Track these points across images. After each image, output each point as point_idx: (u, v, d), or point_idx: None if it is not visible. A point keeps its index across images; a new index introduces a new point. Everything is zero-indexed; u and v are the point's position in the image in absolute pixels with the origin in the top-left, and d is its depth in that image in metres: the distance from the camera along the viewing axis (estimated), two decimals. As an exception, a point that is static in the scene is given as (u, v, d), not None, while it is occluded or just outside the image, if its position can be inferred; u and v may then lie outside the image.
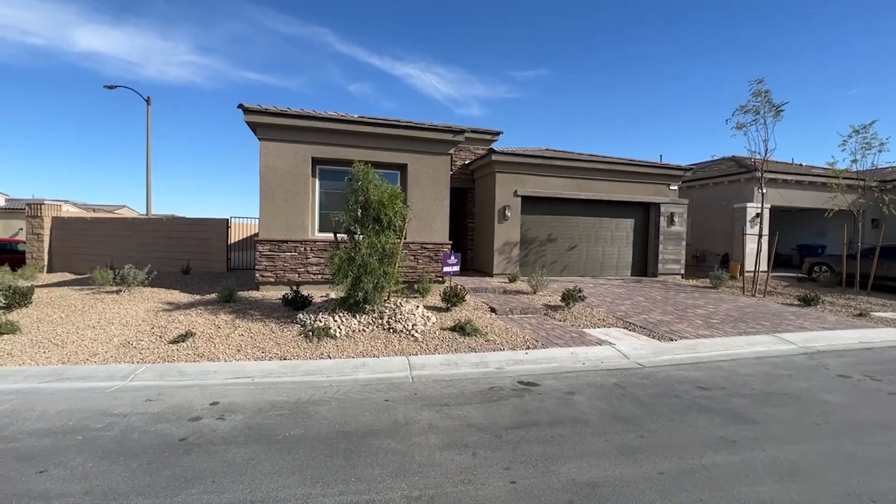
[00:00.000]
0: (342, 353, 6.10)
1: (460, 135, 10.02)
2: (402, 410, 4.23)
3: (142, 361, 5.66)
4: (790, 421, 4.11)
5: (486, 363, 5.89)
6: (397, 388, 4.88)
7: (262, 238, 9.07)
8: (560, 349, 6.48)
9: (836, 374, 5.57)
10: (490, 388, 4.89)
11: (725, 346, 6.87)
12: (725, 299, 10.76)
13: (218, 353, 5.91)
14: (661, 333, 7.37)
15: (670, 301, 10.22)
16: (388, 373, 5.48)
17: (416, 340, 6.58)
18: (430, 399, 4.55)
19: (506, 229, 12.71)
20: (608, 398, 4.60)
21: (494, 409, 4.29)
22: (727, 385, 5.08)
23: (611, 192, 13.84)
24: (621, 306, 9.41)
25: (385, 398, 4.57)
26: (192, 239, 12.97)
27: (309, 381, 5.12)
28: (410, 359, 5.96)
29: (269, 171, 9.05)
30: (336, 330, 6.66)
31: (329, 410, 4.20)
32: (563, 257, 13.74)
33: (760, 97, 11.20)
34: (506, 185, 12.71)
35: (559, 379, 5.26)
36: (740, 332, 7.68)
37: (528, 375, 5.41)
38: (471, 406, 4.36)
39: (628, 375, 5.41)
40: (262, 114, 8.85)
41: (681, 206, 14.48)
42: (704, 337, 7.30)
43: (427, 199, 10.08)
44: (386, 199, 7.05)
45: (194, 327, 6.79)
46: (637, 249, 14.54)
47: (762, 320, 8.56)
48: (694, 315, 8.84)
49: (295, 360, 5.81)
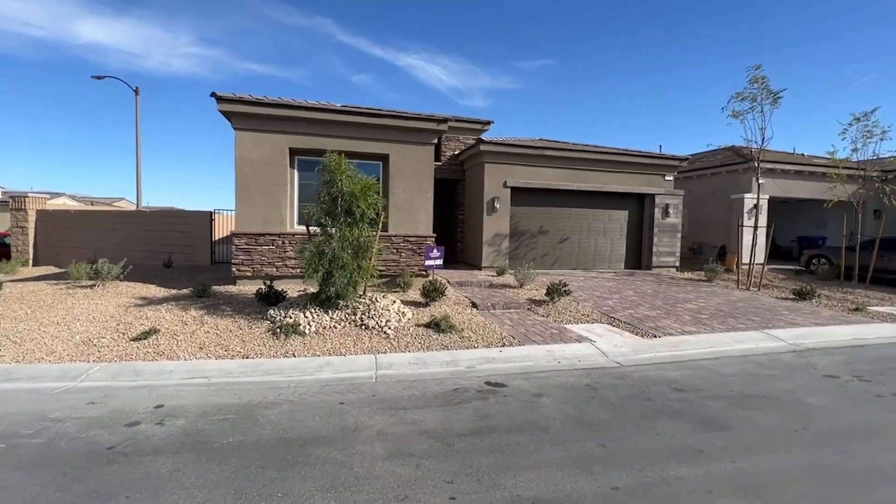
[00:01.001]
0: (309, 351, 5.88)
1: (444, 123, 9.70)
2: (356, 414, 4.00)
3: (99, 360, 5.46)
4: (766, 427, 3.86)
5: (456, 362, 5.65)
6: (357, 390, 4.66)
7: (239, 231, 8.83)
8: (537, 347, 6.24)
9: (823, 374, 5.29)
10: (454, 390, 4.66)
11: (711, 343, 6.61)
12: (718, 293, 10.47)
13: (179, 352, 5.70)
14: (646, 330, 7.11)
15: (661, 295, 9.94)
16: (352, 372, 5.26)
17: (387, 338, 6.35)
18: (389, 402, 4.32)
19: (495, 221, 12.42)
20: (576, 401, 4.36)
21: (453, 413, 4.06)
22: (705, 386, 4.82)
23: (604, 183, 13.49)
24: (609, 301, 9.15)
25: (341, 401, 4.34)
26: (175, 232, 12.75)
27: (267, 382, 4.90)
28: (379, 357, 5.73)
29: (245, 162, 8.78)
30: (306, 327, 6.44)
31: (278, 414, 3.98)
32: (554, 250, 13.46)
33: (758, 84, 10.78)
34: (495, 176, 12.39)
35: (529, 379, 5.02)
36: (729, 328, 7.41)
37: (498, 375, 5.17)
38: (429, 410, 4.13)
39: (603, 375, 5.17)
40: (236, 102, 8.55)
41: (676, 197, 14.12)
42: (690, 333, 7.03)
43: (410, 191, 9.79)
44: (358, 191, 6.77)
45: (160, 324, 6.58)
46: (631, 242, 14.23)
47: (753, 315, 8.28)
48: (683, 310, 8.57)
49: (258, 359, 5.59)
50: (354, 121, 9.25)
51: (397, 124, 9.45)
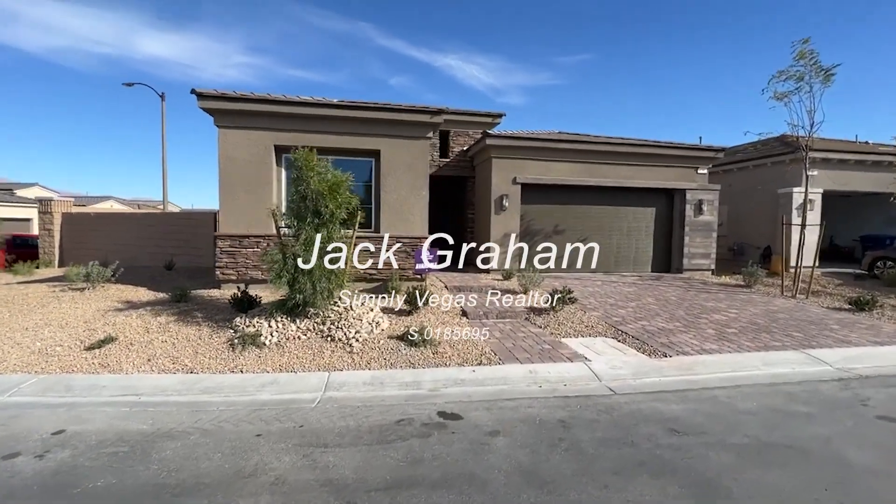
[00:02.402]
0: (261, 365, 5.33)
1: (438, 115, 8.96)
2: (265, 453, 3.37)
3: (43, 371, 5.16)
4: (784, 495, 2.88)
5: (418, 383, 4.92)
6: (287, 417, 4.04)
7: (222, 233, 8.49)
8: (518, 366, 5.40)
9: (877, 415, 4.14)
10: (398, 421, 3.93)
11: (733, 365, 5.51)
12: (756, 301, 9.12)
13: (125, 364, 5.31)
14: (655, 347, 6.08)
15: (685, 304, 8.75)
16: (295, 393, 4.65)
17: (351, 352, 5.71)
18: (313, 435, 3.67)
19: (503, 221, 11.54)
20: (538, 444, 3.52)
21: (380, 455, 3.34)
22: (712, 427, 3.84)
23: (627, 178, 12.28)
24: (622, 310, 8.09)
25: (259, 432, 3.73)
26: (182, 233, 12.77)
27: (197, 403, 4.38)
28: (332, 376, 5.10)
29: (229, 161, 8.43)
30: (267, 337, 5.92)
31: (176, 449, 3.42)
32: (571, 252, 12.36)
33: (805, 59, 9.31)
34: (503, 172, 11.51)
35: (493, 409, 4.21)
36: (760, 346, 6.23)
37: (459, 402, 4.40)
38: (354, 449, 3.43)
39: (585, 407, 4.27)
40: (218, 99, 8.21)
41: (711, 192, 12.66)
42: (709, 353, 5.94)
43: (403, 189, 9.13)
44: (325, 189, 6.18)
45: (124, 331, 6.27)
46: (659, 242, 12.90)
47: (794, 330, 7.00)
48: (708, 322, 7.40)
49: (201, 375, 5.11)
50: (341, 115, 8.70)
51: (387, 117, 8.81)
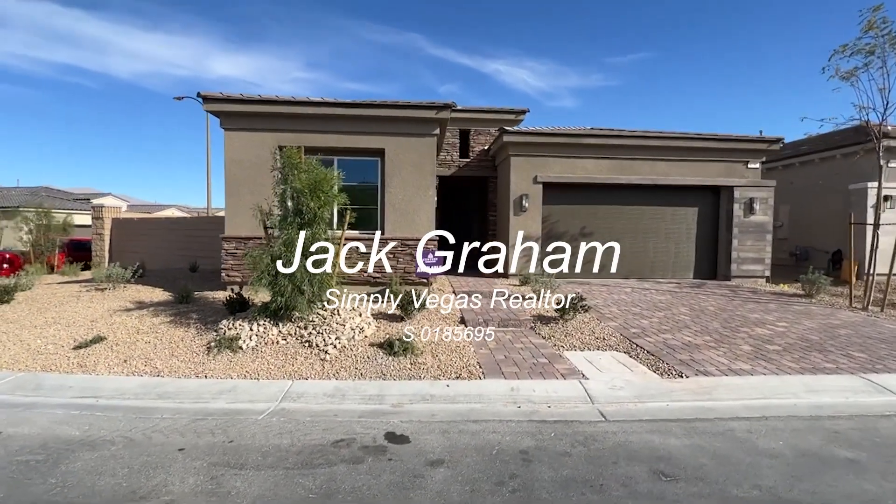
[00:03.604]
0: (229, 371, 5.09)
1: (444, 110, 8.48)
2: (174, 471, 3.03)
3: (26, 370, 5.22)
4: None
5: (383, 397, 4.44)
6: (224, 430, 3.70)
7: (228, 235, 8.51)
8: (501, 382, 4.76)
9: None
10: (336, 442, 3.47)
11: (765, 390, 4.53)
12: (814, 314, 7.77)
13: (100, 365, 5.27)
14: (672, 365, 5.19)
15: (724, 315, 7.62)
16: (250, 403, 4.34)
17: (323, 359, 5.34)
18: (237, 454, 3.29)
19: (523, 222, 10.83)
20: (482, 481, 2.92)
21: (293, 482, 2.89)
22: (715, 471, 3.03)
23: (665, 175, 11.15)
24: (645, 320, 7.16)
25: (185, 445, 3.41)
26: (207, 236, 13.12)
27: (147, 408, 4.18)
28: (295, 385, 4.74)
29: (234, 163, 8.45)
30: (245, 341, 5.69)
31: (88, 461, 3.17)
32: (601, 255, 11.38)
33: (875, 31, 7.91)
34: (523, 171, 10.82)
35: (450, 433, 3.64)
36: (807, 367, 5.15)
37: (417, 422, 3.87)
38: (269, 473, 3.01)
39: (562, 436, 3.59)
40: (223, 101, 8.26)
41: (764, 189, 11.19)
42: (738, 374, 4.97)
43: (409, 189, 8.73)
44: (307, 188, 5.90)
45: (116, 331, 6.31)
46: (702, 246, 11.59)
47: (856, 350, 5.78)
48: (746, 337, 6.32)
49: (166, 378, 4.94)
50: (344, 113, 8.47)
51: (391, 114, 8.47)
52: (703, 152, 11.14)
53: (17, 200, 26.77)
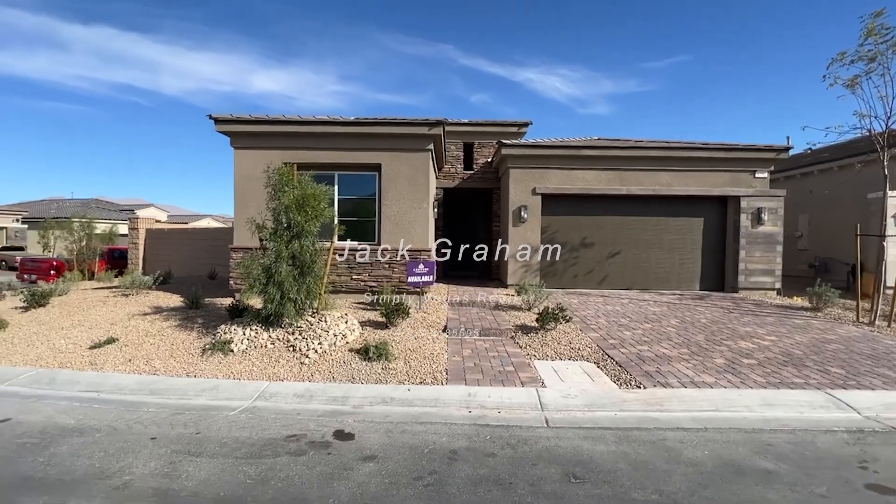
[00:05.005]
0: (217, 371, 5.58)
1: (437, 127, 8.86)
2: (142, 455, 3.47)
3: (46, 366, 5.90)
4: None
5: (347, 398, 4.79)
6: (196, 423, 4.14)
7: (236, 246, 9.16)
8: (461, 388, 5.01)
9: (868, 483, 3.12)
10: (288, 437, 3.84)
11: (719, 403, 4.57)
12: (812, 328, 7.56)
13: (108, 363, 5.88)
14: (634, 376, 5.28)
15: (714, 327, 7.53)
16: (228, 400, 4.78)
17: (303, 363, 5.74)
18: (199, 443, 3.71)
19: (522, 233, 11.00)
20: (403, 476, 3.19)
21: (238, 469, 3.26)
22: (627, 476, 3.17)
23: (667, 185, 11.07)
24: (628, 332, 7.20)
25: (158, 435, 3.87)
26: (227, 246, 13.99)
27: (137, 402, 4.71)
28: (271, 385, 5.16)
29: (244, 179, 9.11)
30: (236, 345, 6.19)
31: (74, 445, 3.67)
32: (601, 266, 11.39)
33: (875, 37, 7.71)
34: (522, 183, 11.02)
35: (394, 433, 3.93)
36: (775, 381, 5.11)
37: (370, 422, 4.19)
38: (220, 461, 3.40)
39: (496, 439, 3.80)
40: (233, 122, 8.96)
41: (773, 199, 10.91)
42: (699, 386, 5.00)
43: (404, 202, 9.13)
44: (293, 204, 6.38)
45: (128, 333, 6.96)
46: (709, 257, 11.37)
47: (837, 366, 5.65)
48: (725, 350, 6.28)
49: (161, 377, 5.47)
50: (343, 131, 9.00)
51: (386, 131, 8.92)
52: (707, 162, 10.99)
53: (69, 211, 29.11)
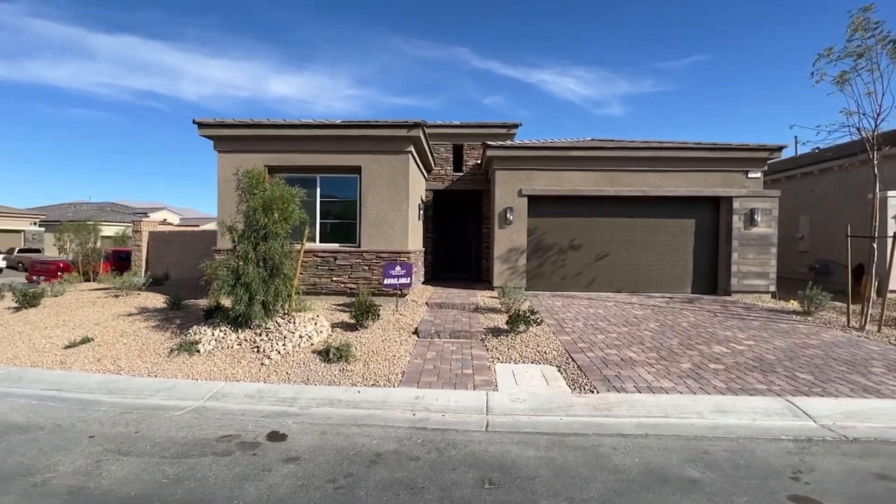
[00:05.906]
0: (178, 372, 5.66)
1: (415, 129, 8.86)
2: (73, 454, 3.54)
3: (20, 365, 6.06)
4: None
5: (295, 400, 4.80)
6: (139, 423, 4.21)
7: (219, 248, 9.28)
8: (412, 390, 4.98)
9: (791, 495, 2.98)
10: (220, 438, 3.86)
11: (669, 409, 4.44)
12: (796, 332, 7.31)
13: (77, 363, 6.02)
14: (592, 380, 5.17)
15: (693, 331, 7.35)
16: (180, 400, 4.84)
17: (263, 364, 5.79)
18: (131, 442, 3.76)
19: (508, 235, 10.92)
20: (317, 478, 3.18)
21: (158, 469, 3.30)
22: (544, 483, 3.09)
23: (657, 186, 10.87)
24: (602, 335, 7.07)
25: (97, 433, 3.94)
26: (224, 249, 14.21)
27: (93, 401, 4.81)
28: (226, 386, 5.21)
29: (226, 182, 9.18)
30: (203, 345, 6.27)
31: (13, 442, 3.77)
32: (590, 268, 11.23)
33: (862, 33, 7.45)
34: (508, 184, 10.94)
35: (327, 434, 3.92)
36: (735, 388, 4.95)
37: (309, 424, 4.19)
38: (144, 460, 3.44)
39: (426, 442, 3.76)
40: (215, 126, 9.11)
41: (767, 199, 10.61)
42: (655, 391, 4.87)
43: (384, 204, 9.15)
44: (260, 206, 6.45)
45: (104, 333, 7.12)
46: (701, 259, 11.11)
47: (806, 372, 5.45)
48: (695, 355, 6.11)
49: (123, 376, 5.58)
50: (324, 134, 9.07)
51: (364, 134, 8.96)
52: (699, 162, 10.76)
53: (86, 215, 30.05)
